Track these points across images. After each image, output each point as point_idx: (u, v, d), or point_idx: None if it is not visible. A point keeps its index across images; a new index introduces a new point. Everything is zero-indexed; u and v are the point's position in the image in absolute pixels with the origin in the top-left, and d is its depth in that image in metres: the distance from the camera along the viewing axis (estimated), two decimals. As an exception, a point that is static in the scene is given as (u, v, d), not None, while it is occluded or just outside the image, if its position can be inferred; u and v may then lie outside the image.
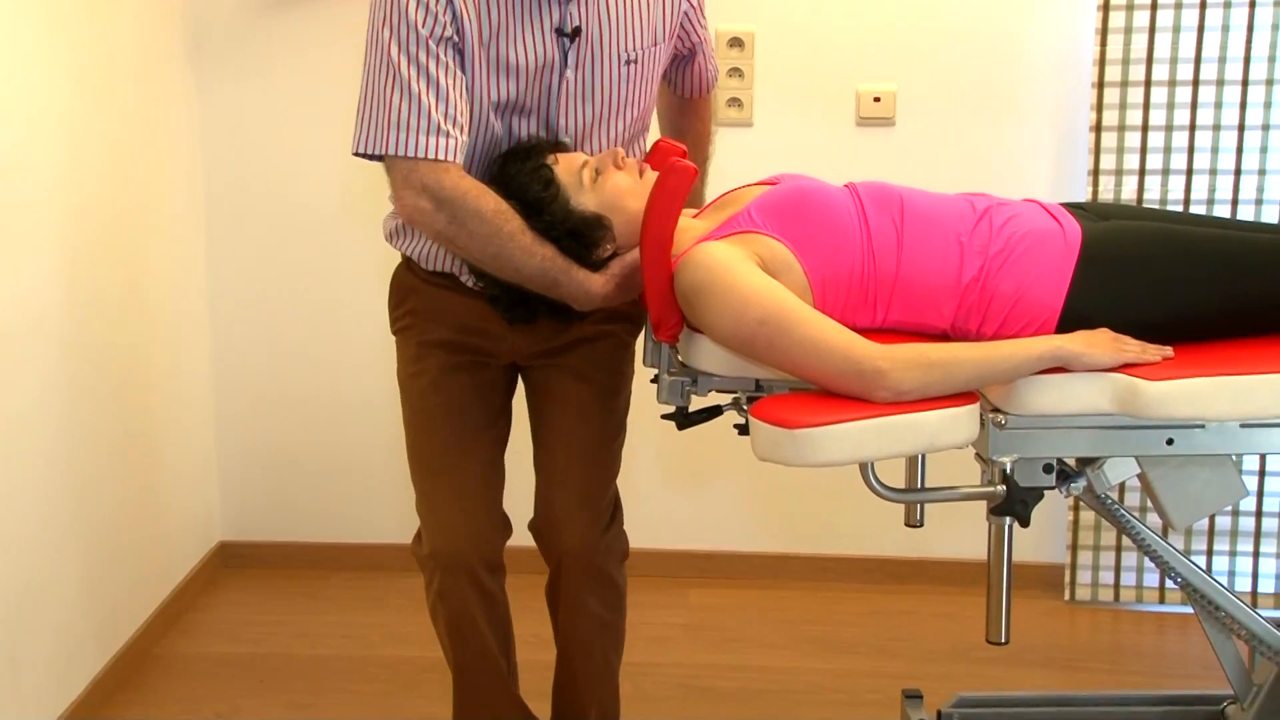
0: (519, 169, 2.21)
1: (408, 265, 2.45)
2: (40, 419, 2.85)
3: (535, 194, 2.18)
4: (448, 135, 2.16)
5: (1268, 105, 3.31)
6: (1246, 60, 3.29)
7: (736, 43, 3.49)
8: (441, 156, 2.16)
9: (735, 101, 3.51)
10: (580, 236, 2.19)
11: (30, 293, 2.81)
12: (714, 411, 2.22)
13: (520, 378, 2.51)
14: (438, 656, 2.57)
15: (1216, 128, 3.34)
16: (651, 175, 2.20)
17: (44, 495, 2.87)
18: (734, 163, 2.85)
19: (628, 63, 2.30)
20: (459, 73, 2.18)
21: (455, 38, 2.16)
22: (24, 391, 2.78)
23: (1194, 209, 3.36)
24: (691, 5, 2.41)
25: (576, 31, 2.24)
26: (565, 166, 2.21)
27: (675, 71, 2.52)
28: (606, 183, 2.20)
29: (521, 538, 2.52)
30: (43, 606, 2.86)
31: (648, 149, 2.41)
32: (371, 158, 2.22)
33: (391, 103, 2.15)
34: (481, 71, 2.20)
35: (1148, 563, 3.46)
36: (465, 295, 2.36)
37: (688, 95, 2.57)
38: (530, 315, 2.29)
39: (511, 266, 2.19)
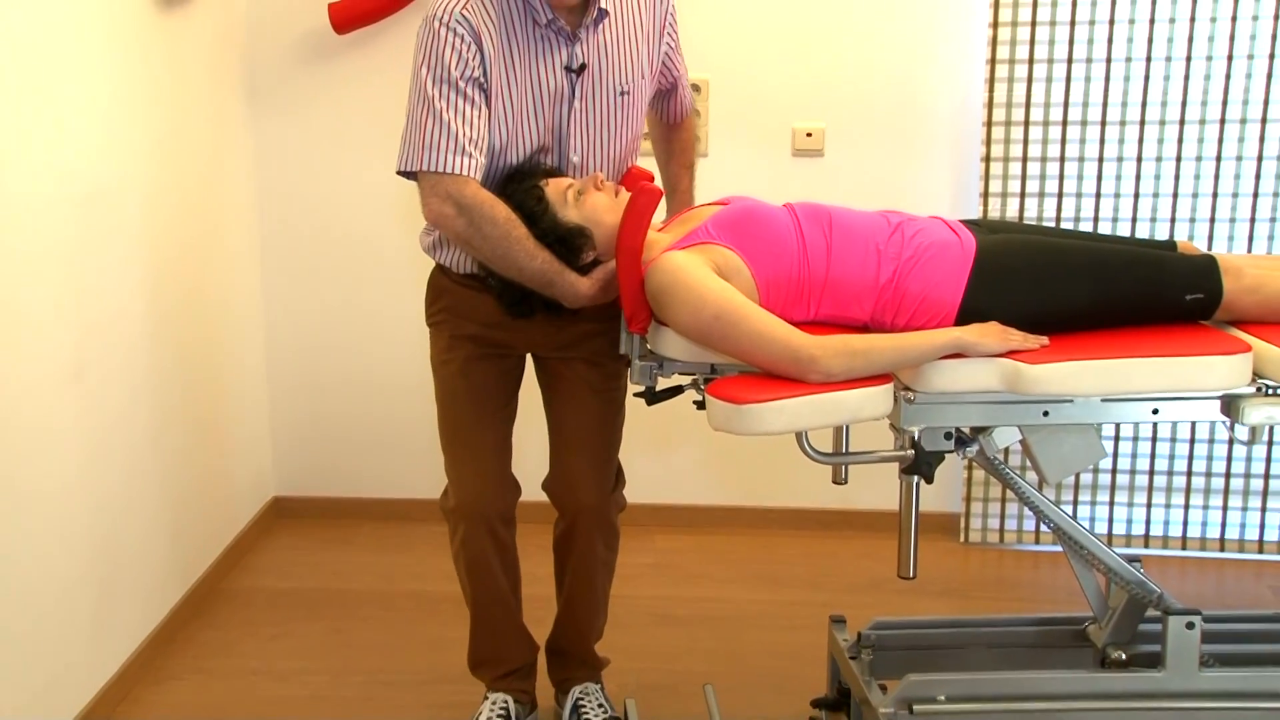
0: (516, 187, 2.22)
1: (441, 270, 2.43)
2: (129, 399, 2.83)
3: (530, 207, 2.19)
4: (470, 155, 2.17)
5: (1121, 141, 3.33)
6: (1104, 106, 3.31)
7: (694, 88, 3.47)
8: (463, 172, 2.17)
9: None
10: (567, 243, 2.19)
11: (121, 297, 2.79)
12: (677, 390, 2.22)
13: (536, 366, 2.50)
14: (451, 590, 2.56)
15: (1082, 159, 3.35)
16: (626, 194, 2.20)
17: (131, 460, 2.85)
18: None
19: (622, 94, 2.30)
20: (483, 107, 2.19)
21: (482, 78, 2.17)
22: (116, 377, 2.77)
23: (1065, 225, 3.38)
24: (671, 47, 2.41)
25: (582, 68, 2.24)
26: (554, 188, 2.22)
27: (662, 103, 2.53)
28: (587, 201, 2.20)
29: (525, 495, 2.52)
30: (131, 549, 2.85)
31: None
32: (409, 175, 2.22)
33: (425, 128, 2.16)
34: (508, 104, 2.20)
35: (1027, 511, 3.49)
36: (490, 296, 2.35)
37: (671, 122, 2.56)
38: (529, 311, 2.29)
39: (516, 265, 2.20)
